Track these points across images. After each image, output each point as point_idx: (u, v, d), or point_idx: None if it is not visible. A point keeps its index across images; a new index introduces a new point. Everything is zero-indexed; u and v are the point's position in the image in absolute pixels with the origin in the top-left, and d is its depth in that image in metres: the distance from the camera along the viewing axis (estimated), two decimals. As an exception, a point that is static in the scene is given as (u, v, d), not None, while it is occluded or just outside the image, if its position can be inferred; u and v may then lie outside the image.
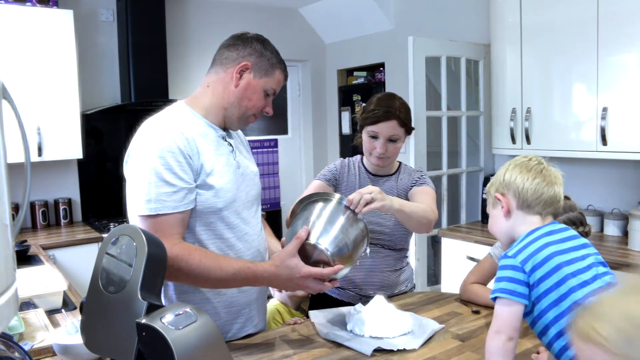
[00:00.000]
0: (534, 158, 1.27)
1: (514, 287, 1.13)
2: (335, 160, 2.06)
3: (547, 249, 1.15)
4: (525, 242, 1.18)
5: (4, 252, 0.74)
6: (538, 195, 1.21)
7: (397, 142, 1.87)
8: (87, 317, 1.13)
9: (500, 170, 1.30)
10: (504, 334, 1.11)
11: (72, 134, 3.42)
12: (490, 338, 1.14)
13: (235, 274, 1.37)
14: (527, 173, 1.22)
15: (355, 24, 4.58)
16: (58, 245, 3.16)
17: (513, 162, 1.28)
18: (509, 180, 1.24)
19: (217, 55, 1.52)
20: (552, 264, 1.13)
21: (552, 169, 1.25)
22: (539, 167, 1.23)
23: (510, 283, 1.13)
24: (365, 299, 1.78)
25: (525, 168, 1.23)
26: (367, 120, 1.87)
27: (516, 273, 1.13)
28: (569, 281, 1.11)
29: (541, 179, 1.21)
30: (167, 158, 1.35)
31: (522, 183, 1.22)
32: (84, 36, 3.76)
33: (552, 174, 1.24)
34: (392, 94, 1.94)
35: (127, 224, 1.22)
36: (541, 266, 1.13)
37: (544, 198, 1.21)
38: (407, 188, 1.93)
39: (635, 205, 2.78)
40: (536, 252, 1.14)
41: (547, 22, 2.89)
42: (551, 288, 1.11)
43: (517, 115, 3.07)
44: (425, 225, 1.73)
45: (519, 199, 1.23)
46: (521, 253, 1.15)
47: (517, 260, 1.15)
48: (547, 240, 1.17)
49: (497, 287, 1.15)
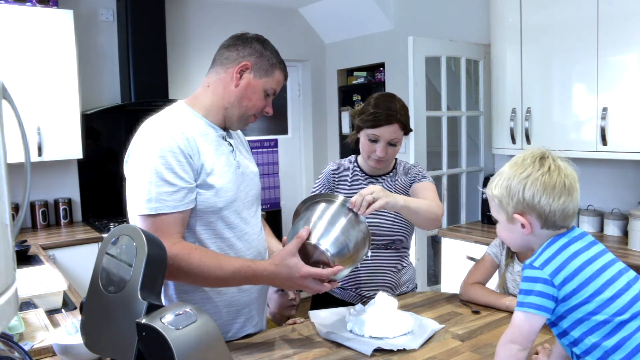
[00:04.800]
0: (549, 160, 1.12)
1: (543, 302, 1.06)
2: (325, 168, 2.02)
3: (578, 259, 1.07)
4: (551, 251, 1.10)
5: (4, 252, 0.74)
6: (565, 213, 1.10)
7: (396, 145, 1.85)
8: (87, 317, 1.13)
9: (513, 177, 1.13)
10: (519, 345, 1.08)
11: (72, 134, 3.42)
12: (504, 346, 1.10)
13: (235, 273, 1.37)
14: (553, 192, 1.09)
15: (355, 24, 4.58)
16: (58, 245, 3.16)
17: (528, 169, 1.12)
18: (530, 201, 1.10)
19: (217, 55, 1.52)
20: (587, 273, 1.06)
21: (569, 170, 1.13)
22: (560, 178, 1.10)
23: (539, 297, 1.07)
24: (366, 299, 1.78)
25: (550, 185, 1.09)
26: (366, 123, 1.82)
27: (545, 287, 1.07)
28: (605, 292, 1.05)
29: (566, 195, 1.09)
30: (168, 157, 1.35)
31: (549, 206, 1.09)
32: (84, 36, 3.76)
33: (571, 180, 1.11)
34: (391, 95, 1.90)
35: (127, 224, 1.22)
36: (574, 277, 1.06)
37: (570, 213, 1.11)
38: (406, 186, 1.92)
39: (635, 205, 2.78)
40: (567, 263, 1.07)
41: (547, 22, 2.89)
42: (587, 299, 1.05)
43: (517, 115, 3.07)
44: (433, 220, 1.70)
45: (545, 221, 1.11)
46: (549, 265, 1.08)
47: (545, 272, 1.07)
48: (574, 249, 1.09)
49: (527, 301, 1.07)
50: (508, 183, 1.13)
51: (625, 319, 1.04)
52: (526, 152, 1.16)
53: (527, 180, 1.11)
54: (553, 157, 1.13)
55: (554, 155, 1.14)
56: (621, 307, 1.05)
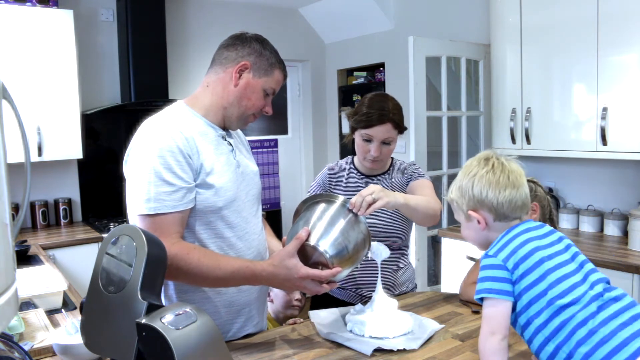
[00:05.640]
0: (493, 159, 1.23)
1: (500, 286, 1.12)
2: (323, 169, 2.03)
3: (529, 245, 1.14)
4: (504, 240, 1.17)
5: (4, 252, 0.74)
6: (513, 204, 1.19)
7: (390, 144, 1.87)
8: (87, 317, 1.13)
9: (463, 178, 1.25)
10: (498, 334, 1.11)
11: (72, 134, 3.42)
12: (485, 339, 1.13)
13: (234, 273, 1.37)
14: (497, 186, 1.19)
15: (355, 24, 4.58)
16: (58, 245, 3.16)
17: (474, 169, 1.23)
18: (479, 196, 1.20)
19: (216, 55, 1.52)
20: (535, 258, 1.12)
21: (513, 166, 1.22)
22: (504, 174, 1.20)
23: (495, 282, 1.13)
24: (366, 299, 1.78)
25: (494, 180, 1.19)
26: (360, 123, 1.84)
27: (499, 271, 1.13)
28: (548, 277, 1.11)
29: (511, 188, 1.19)
30: (167, 157, 1.35)
31: (495, 198, 1.19)
32: (84, 36, 3.76)
33: (516, 175, 1.21)
34: (384, 95, 1.92)
35: (127, 224, 1.22)
36: (524, 261, 1.12)
37: (519, 204, 1.20)
38: (403, 185, 1.92)
39: (635, 205, 2.78)
40: (518, 249, 1.14)
41: (547, 22, 2.89)
42: (533, 283, 1.11)
43: (517, 115, 3.07)
44: (432, 216, 1.72)
45: (496, 214, 1.21)
46: (502, 251, 1.15)
47: (498, 258, 1.14)
48: (527, 237, 1.16)
49: (482, 288, 1.14)
50: (460, 184, 1.26)
51: (565, 303, 1.08)
52: (475, 156, 1.28)
53: (474, 178, 1.22)
54: (497, 156, 1.24)
55: (498, 154, 1.25)
56: (562, 290, 1.09)
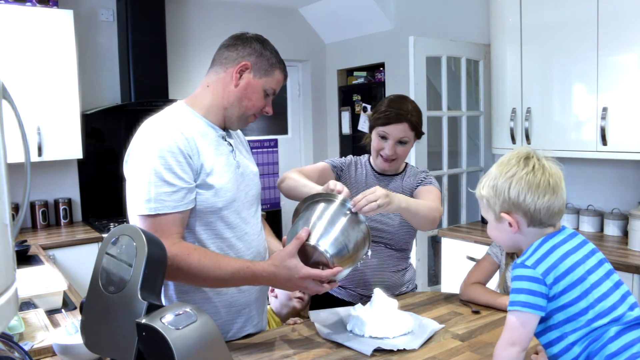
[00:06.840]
0: (534, 159, 1.14)
1: (536, 301, 1.07)
2: (347, 156, 2.08)
3: (569, 259, 1.09)
4: (542, 251, 1.10)
5: (4, 252, 0.74)
6: (550, 211, 1.12)
7: (406, 144, 1.88)
8: (87, 317, 1.13)
9: (499, 176, 1.15)
10: (519, 346, 1.07)
11: (72, 134, 3.42)
12: (504, 349, 1.09)
13: (234, 274, 1.37)
14: (537, 190, 1.10)
15: (355, 24, 4.58)
16: (58, 245, 3.16)
17: (513, 169, 1.14)
18: (516, 199, 1.12)
19: (216, 55, 1.52)
20: (577, 274, 1.07)
21: (554, 168, 1.14)
22: (544, 177, 1.11)
23: (532, 296, 1.07)
24: (367, 298, 1.78)
25: (534, 184, 1.11)
26: (378, 120, 1.88)
27: (537, 285, 1.07)
28: (589, 295, 1.06)
29: (551, 194, 1.11)
30: (167, 158, 1.35)
31: (533, 204, 1.10)
32: (84, 36, 3.76)
33: (556, 179, 1.13)
34: (404, 97, 1.95)
35: (127, 224, 1.22)
36: (565, 277, 1.07)
37: (555, 211, 1.13)
38: (413, 188, 1.94)
39: (635, 205, 2.78)
40: (558, 263, 1.08)
41: (547, 22, 2.89)
42: (574, 301, 1.06)
43: (517, 115, 3.07)
44: (430, 222, 1.73)
45: (531, 219, 1.13)
46: (541, 264, 1.08)
47: (537, 271, 1.08)
48: (566, 249, 1.10)
49: (518, 300, 1.08)
50: (494, 183, 1.16)
51: (604, 323, 1.05)
52: (512, 152, 1.18)
53: (512, 179, 1.13)
54: (538, 156, 1.15)
55: (539, 154, 1.16)
56: (603, 310, 1.06)
